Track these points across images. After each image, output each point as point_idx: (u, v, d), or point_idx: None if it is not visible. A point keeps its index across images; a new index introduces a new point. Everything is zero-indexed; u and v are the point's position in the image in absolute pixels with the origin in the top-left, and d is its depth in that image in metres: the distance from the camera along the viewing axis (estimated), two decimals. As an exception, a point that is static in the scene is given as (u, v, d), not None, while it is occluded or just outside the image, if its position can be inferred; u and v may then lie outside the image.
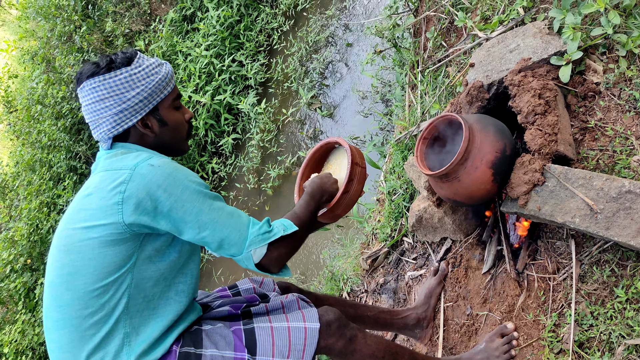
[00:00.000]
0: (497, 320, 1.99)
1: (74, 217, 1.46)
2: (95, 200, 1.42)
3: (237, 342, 1.52)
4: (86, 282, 1.41)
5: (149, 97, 1.52)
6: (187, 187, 1.43)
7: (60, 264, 1.45)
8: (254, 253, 1.48)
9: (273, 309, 1.69)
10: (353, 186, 1.81)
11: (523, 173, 1.77)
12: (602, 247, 1.73)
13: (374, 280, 2.80)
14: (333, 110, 4.50)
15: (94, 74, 1.49)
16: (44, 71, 6.86)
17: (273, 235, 1.51)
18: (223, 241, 1.46)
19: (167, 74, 1.57)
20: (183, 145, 1.68)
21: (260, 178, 4.89)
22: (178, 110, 1.63)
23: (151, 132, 1.57)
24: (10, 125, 7.27)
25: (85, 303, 1.41)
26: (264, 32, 5.44)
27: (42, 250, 5.52)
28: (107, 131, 1.52)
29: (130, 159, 1.47)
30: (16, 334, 4.69)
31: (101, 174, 1.47)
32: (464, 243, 2.32)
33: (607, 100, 1.86)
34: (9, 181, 7.00)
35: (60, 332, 1.44)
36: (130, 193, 1.39)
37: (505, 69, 2.01)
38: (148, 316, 1.48)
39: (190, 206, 1.42)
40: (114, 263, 1.41)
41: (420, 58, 3.03)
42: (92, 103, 1.51)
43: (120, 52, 1.55)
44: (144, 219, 1.40)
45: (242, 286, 1.87)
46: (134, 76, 1.50)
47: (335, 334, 1.59)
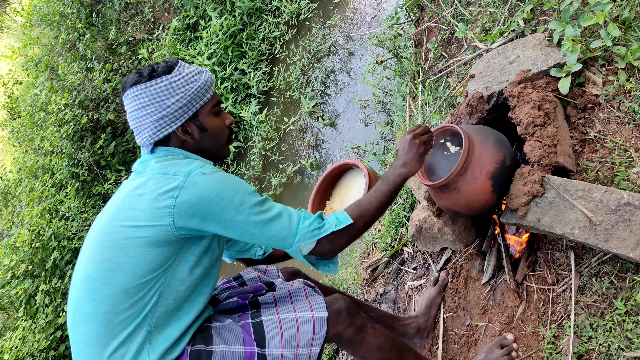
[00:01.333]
0: (496, 331, 1.99)
1: (122, 214, 1.49)
2: (146, 201, 1.46)
3: (246, 336, 1.54)
4: (125, 279, 1.45)
5: (189, 104, 1.57)
6: (238, 192, 1.48)
7: (102, 258, 1.48)
8: (303, 248, 1.52)
9: (280, 299, 1.71)
10: None
11: (522, 184, 1.77)
12: (601, 259, 1.73)
13: (374, 289, 2.80)
14: (334, 119, 4.52)
15: (137, 83, 1.55)
16: (48, 78, 6.90)
17: (324, 231, 1.53)
18: (272, 237, 1.51)
19: (206, 81, 1.61)
20: (223, 151, 1.72)
21: (261, 186, 4.89)
22: (218, 116, 1.67)
23: (191, 139, 1.62)
24: (14, 131, 7.30)
25: (120, 299, 1.45)
26: (266, 41, 5.47)
27: (43, 256, 5.52)
28: (148, 137, 1.57)
29: (182, 165, 1.52)
30: (17, 340, 4.68)
31: (154, 177, 1.51)
32: (464, 253, 2.32)
33: (607, 112, 1.87)
34: (11, 187, 7.02)
35: (90, 325, 1.46)
36: (183, 199, 1.44)
37: (505, 81, 2.02)
38: (171, 316, 1.51)
39: (241, 209, 1.47)
40: (154, 263, 1.46)
41: (421, 68, 3.05)
42: (134, 110, 1.56)
43: (163, 61, 1.60)
44: (194, 223, 1.45)
45: (247, 275, 1.89)
46: (173, 84, 1.55)
47: (345, 321, 1.61)
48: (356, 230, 1.59)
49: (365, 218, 1.60)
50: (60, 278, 5.20)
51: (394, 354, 1.72)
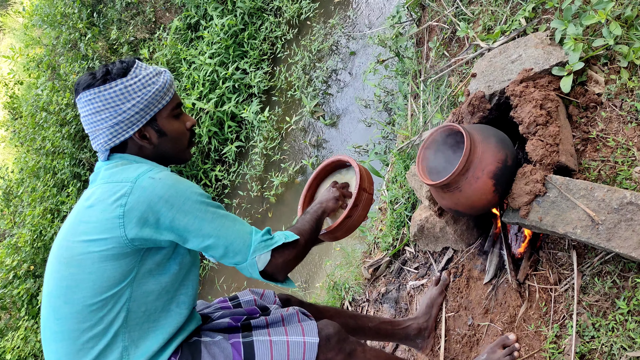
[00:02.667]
0: (498, 331, 1.99)
1: (75, 229, 1.44)
2: (96, 213, 1.41)
3: (236, 355, 1.51)
4: (85, 296, 1.40)
5: (146, 109, 1.50)
6: (189, 198, 1.42)
7: (59, 275, 1.44)
8: (259, 259, 1.47)
9: (273, 322, 1.68)
10: (357, 212, 1.82)
11: (524, 183, 1.77)
12: (603, 258, 1.72)
13: (375, 289, 2.80)
14: (336, 119, 4.52)
15: (90, 86, 1.47)
16: (49, 78, 6.91)
17: (275, 242, 1.50)
18: (227, 248, 1.45)
19: (165, 83, 1.53)
20: (184, 155, 1.65)
21: (263, 186, 4.89)
22: (178, 119, 1.60)
23: (149, 144, 1.55)
24: (15, 131, 7.31)
25: (83, 317, 1.40)
26: (267, 41, 5.47)
27: (45, 256, 5.53)
28: (104, 143, 1.50)
29: (130, 171, 1.45)
30: (19, 340, 4.70)
31: (102, 186, 1.45)
32: (466, 253, 2.32)
33: (609, 111, 1.86)
34: (13, 187, 7.03)
35: (58, 344, 1.43)
36: (132, 206, 1.38)
37: (507, 80, 2.02)
38: (148, 329, 1.46)
39: (193, 216, 1.41)
40: (113, 277, 1.40)
41: (423, 67, 3.04)
42: (88, 115, 1.49)
43: (118, 61, 1.52)
44: (146, 232, 1.39)
45: (243, 298, 1.86)
46: (129, 88, 1.47)
47: (334, 348, 1.59)
48: (302, 247, 1.58)
49: (305, 237, 1.60)
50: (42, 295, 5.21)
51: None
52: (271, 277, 1.53)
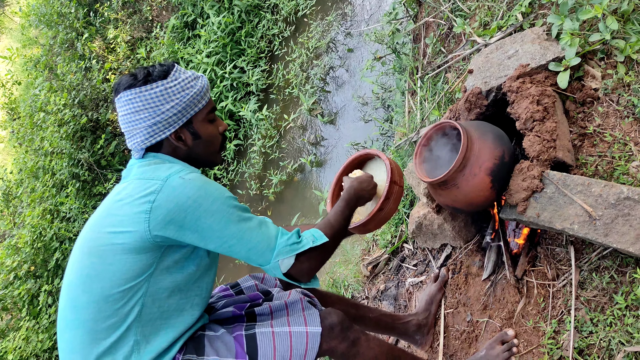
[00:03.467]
0: (497, 327, 1.99)
1: (103, 221, 1.48)
2: (125, 207, 1.44)
3: (238, 348, 1.52)
4: (103, 287, 1.42)
5: (183, 111, 1.54)
6: (217, 199, 1.44)
7: (80, 265, 1.47)
8: (282, 263, 1.48)
9: (276, 310, 1.69)
10: (388, 205, 1.81)
11: (522, 180, 1.77)
12: (601, 253, 1.72)
13: (374, 286, 2.80)
14: (334, 116, 4.51)
15: (131, 86, 1.51)
16: (47, 78, 6.90)
17: (301, 246, 1.50)
18: (250, 251, 1.47)
19: (202, 88, 1.58)
20: (215, 158, 1.69)
21: (262, 184, 4.89)
22: (212, 123, 1.64)
23: (184, 145, 1.59)
24: (14, 132, 7.31)
25: (100, 307, 1.42)
26: (265, 38, 5.46)
27: (45, 257, 5.53)
28: (140, 142, 1.54)
29: (163, 170, 1.48)
30: (20, 340, 4.70)
31: (134, 182, 1.49)
32: (464, 249, 2.32)
33: (606, 106, 1.86)
34: (12, 188, 7.03)
35: (73, 332, 1.45)
36: (160, 204, 1.41)
37: (504, 75, 2.01)
38: (159, 326, 1.48)
39: (219, 217, 1.43)
40: (133, 271, 1.42)
41: (420, 64, 3.04)
42: (127, 114, 1.53)
43: (158, 64, 1.56)
44: (170, 230, 1.41)
45: (245, 284, 1.88)
46: (169, 89, 1.51)
47: (338, 336, 1.60)
48: (330, 249, 1.58)
49: (335, 234, 1.60)
50: (63, 278, 5.21)
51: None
52: (295, 280, 1.54)
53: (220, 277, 4.79)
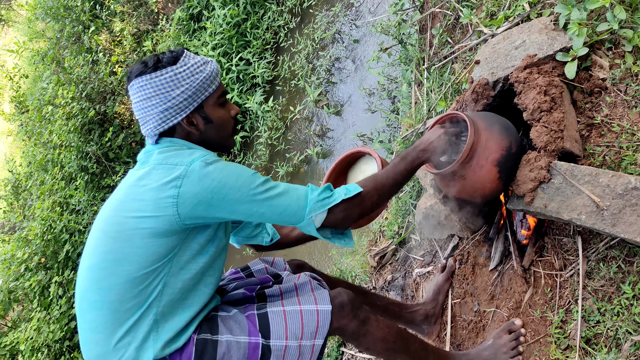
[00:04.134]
0: (504, 317, 2.00)
1: (127, 205, 1.50)
2: (150, 192, 1.47)
3: (251, 327, 1.56)
4: (130, 269, 1.46)
5: (194, 95, 1.57)
6: (241, 175, 1.49)
7: (107, 249, 1.50)
8: (315, 219, 1.52)
9: (286, 291, 1.72)
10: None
11: (529, 170, 1.77)
12: (608, 243, 1.73)
13: (381, 277, 2.82)
14: (340, 107, 4.51)
15: (142, 73, 1.54)
16: (54, 72, 6.93)
17: (333, 200, 1.53)
18: (282, 214, 1.51)
19: (212, 72, 1.60)
20: (228, 142, 1.72)
21: (268, 176, 4.90)
22: (223, 107, 1.67)
23: (196, 130, 1.62)
24: (22, 125, 7.35)
25: (125, 288, 1.46)
26: (270, 30, 5.45)
27: (55, 248, 5.59)
28: (153, 128, 1.57)
29: (185, 155, 1.52)
30: (32, 331, 4.76)
31: (157, 167, 1.51)
32: (471, 240, 2.33)
33: (614, 96, 1.85)
34: (22, 181, 7.08)
35: (96, 313, 1.49)
36: (186, 188, 1.45)
37: (511, 66, 2.01)
38: (177, 306, 1.52)
39: (246, 189, 1.48)
40: (159, 253, 1.47)
41: (426, 55, 3.03)
42: (140, 101, 1.56)
43: (167, 51, 1.59)
44: (199, 211, 1.46)
45: (254, 267, 1.91)
46: (179, 75, 1.54)
47: (348, 315, 1.62)
48: (368, 202, 1.59)
49: (379, 191, 1.61)
50: (73, 270, 5.26)
51: (399, 344, 1.73)
52: (330, 233, 1.58)
53: (228, 267, 4.83)
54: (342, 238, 1.67)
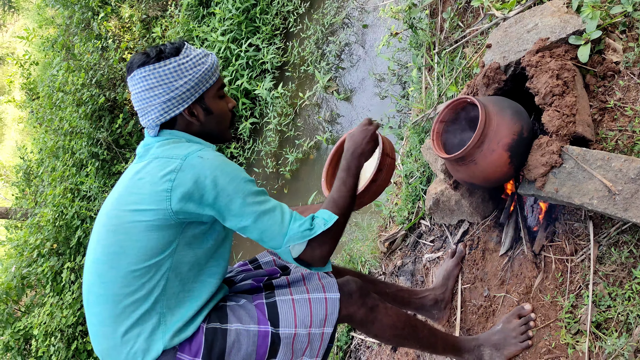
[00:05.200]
0: (514, 302, 2.00)
1: (125, 199, 1.52)
2: (147, 185, 1.48)
3: (260, 315, 1.57)
4: (130, 262, 1.47)
5: (196, 87, 1.57)
6: (234, 179, 1.48)
7: (107, 242, 1.52)
8: (293, 249, 1.50)
9: (294, 281, 1.73)
10: (381, 176, 1.82)
11: (540, 155, 1.76)
12: (620, 228, 1.72)
13: (391, 262, 2.83)
14: (350, 93, 4.49)
15: (144, 64, 1.54)
16: (64, 58, 6.95)
17: (313, 232, 1.51)
18: (263, 234, 1.49)
19: (212, 64, 1.61)
20: (226, 134, 1.73)
21: (278, 162, 4.91)
22: (222, 100, 1.68)
23: (197, 121, 1.62)
24: (33, 112, 7.40)
25: (127, 282, 1.48)
26: (279, 15, 5.42)
27: (67, 235, 5.65)
28: (155, 119, 1.58)
29: (182, 149, 1.52)
30: (45, 316, 4.83)
31: (154, 161, 1.52)
32: (481, 225, 2.33)
33: (627, 79, 1.83)
34: (33, 168, 7.15)
35: (102, 306, 1.51)
36: (180, 182, 1.45)
37: (523, 50, 1.99)
38: (183, 298, 1.54)
39: (235, 198, 1.46)
40: (157, 247, 1.47)
41: (437, 39, 3.01)
42: (141, 91, 1.56)
43: (168, 42, 1.60)
44: (190, 207, 1.46)
45: (263, 259, 1.92)
46: (182, 66, 1.55)
47: (356, 302, 1.64)
48: (341, 227, 1.58)
49: (344, 212, 1.60)
50: (85, 256, 5.31)
51: (407, 330, 1.75)
52: (306, 264, 1.56)
53: (238, 254, 4.86)
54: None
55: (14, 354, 4.84)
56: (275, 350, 1.56)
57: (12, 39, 14.20)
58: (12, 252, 5.78)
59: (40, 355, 4.70)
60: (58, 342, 4.67)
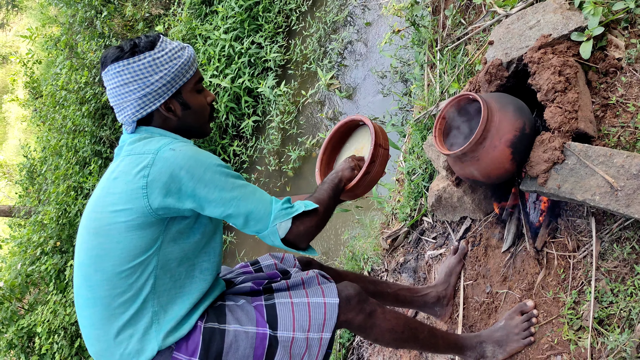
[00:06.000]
0: (516, 298, 2.01)
1: (102, 200, 1.50)
2: (121, 184, 1.46)
3: (259, 317, 1.56)
4: (114, 264, 1.46)
5: (172, 81, 1.54)
6: (209, 168, 1.46)
7: (89, 245, 1.50)
8: (280, 227, 1.49)
9: (293, 285, 1.73)
10: (374, 168, 1.81)
11: (543, 151, 1.76)
12: (622, 224, 1.72)
13: (394, 259, 2.83)
14: (352, 91, 4.50)
15: (118, 58, 1.50)
16: (67, 57, 6.97)
17: (295, 210, 1.52)
18: (248, 216, 1.49)
19: (189, 58, 1.58)
20: (205, 128, 1.70)
21: (280, 160, 4.92)
22: (200, 94, 1.65)
23: (174, 116, 1.60)
24: (36, 110, 7.42)
25: (113, 284, 1.46)
26: (282, 13, 5.42)
27: (70, 232, 5.67)
28: (131, 115, 1.55)
29: (153, 143, 1.50)
30: (48, 313, 4.85)
31: (125, 159, 1.51)
32: (484, 222, 2.33)
33: (629, 76, 1.83)
34: (37, 166, 7.17)
35: (91, 309, 1.50)
36: (154, 177, 1.43)
37: (525, 46, 1.99)
38: (175, 295, 1.52)
39: (213, 185, 1.45)
40: (140, 246, 1.45)
41: (439, 36, 3.01)
42: (116, 87, 1.53)
43: (143, 35, 1.56)
44: (169, 201, 1.43)
45: (264, 262, 1.92)
46: (157, 60, 1.51)
47: (354, 308, 1.63)
48: (322, 215, 1.59)
49: (324, 205, 1.61)
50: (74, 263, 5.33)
51: (407, 333, 1.74)
52: (293, 245, 1.55)
53: (241, 252, 4.87)
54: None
55: (18, 352, 4.86)
56: (272, 353, 1.55)
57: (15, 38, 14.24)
58: (16, 250, 5.80)
59: (44, 353, 4.72)
60: (61, 340, 4.69)
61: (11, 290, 5.10)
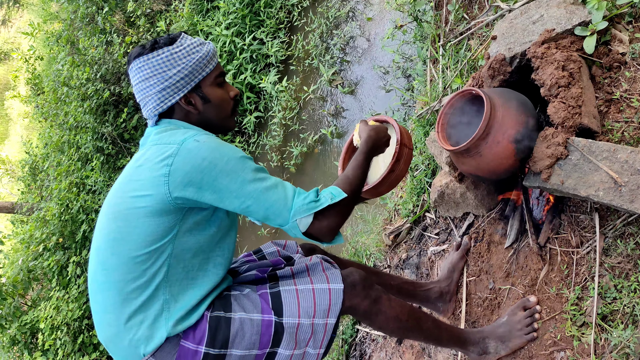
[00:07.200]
0: (519, 294, 2.00)
1: (125, 186, 1.53)
2: (145, 171, 1.49)
3: (264, 305, 1.57)
4: (130, 249, 1.48)
5: (190, 75, 1.58)
6: (231, 159, 1.48)
7: (107, 230, 1.53)
8: (300, 222, 1.49)
9: (298, 272, 1.73)
10: (399, 166, 1.83)
11: (546, 147, 1.75)
12: (626, 220, 1.71)
13: (396, 255, 2.83)
14: (354, 86, 4.48)
15: (140, 55, 1.58)
16: (69, 53, 6.96)
17: (320, 204, 1.50)
18: (268, 210, 1.49)
19: (208, 52, 1.62)
20: (228, 122, 1.73)
21: (283, 156, 4.91)
22: (222, 88, 1.68)
23: (194, 109, 1.63)
24: (38, 107, 7.43)
25: (128, 268, 1.48)
26: (284, 9, 5.41)
27: (72, 229, 5.67)
28: (152, 108, 1.60)
29: (179, 134, 1.53)
30: (51, 310, 4.86)
31: (151, 148, 1.54)
32: (487, 218, 2.32)
33: (633, 70, 1.82)
34: (39, 162, 7.18)
35: (105, 294, 1.52)
36: (177, 166, 1.45)
37: (528, 41, 1.98)
38: (187, 285, 1.54)
39: (235, 176, 1.46)
40: (157, 233, 1.48)
41: (442, 31, 2.99)
42: (139, 82, 1.60)
43: (166, 34, 1.63)
44: (189, 192, 1.45)
45: (267, 250, 1.93)
46: (174, 55, 1.57)
47: (360, 294, 1.63)
48: (350, 204, 1.58)
49: (355, 191, 1.60)
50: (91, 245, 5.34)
51: (411, 322, 1.74)
52: (317, 239, 1.55)
53: (243, 247, 4.87)
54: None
55: (21, 348, 4.88)
56: (278, 340, 1.57)
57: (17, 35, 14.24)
58: (19, 246, 5.81)
59: (47, 349, 4.73)
60: (64, 336, 4.70)
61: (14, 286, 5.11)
